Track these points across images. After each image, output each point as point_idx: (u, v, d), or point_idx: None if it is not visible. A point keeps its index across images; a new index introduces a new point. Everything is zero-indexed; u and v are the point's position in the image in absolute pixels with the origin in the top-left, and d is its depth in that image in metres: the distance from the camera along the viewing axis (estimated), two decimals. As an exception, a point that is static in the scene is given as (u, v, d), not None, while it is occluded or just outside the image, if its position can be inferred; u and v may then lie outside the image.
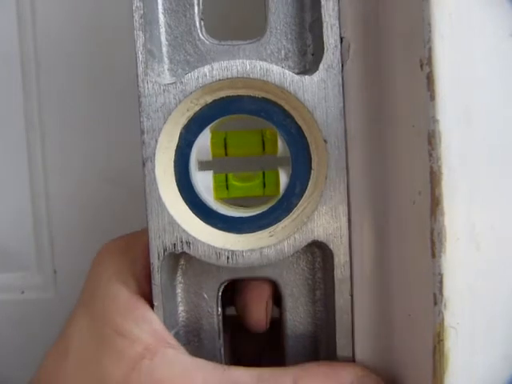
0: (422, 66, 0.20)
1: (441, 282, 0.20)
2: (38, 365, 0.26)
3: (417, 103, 0.20)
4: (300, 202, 0.25)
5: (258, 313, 0.26)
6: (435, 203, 0.20)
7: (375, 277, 0.24)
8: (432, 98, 0.19)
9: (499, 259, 0.21)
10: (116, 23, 0.34)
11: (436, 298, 0.20)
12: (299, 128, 0.24)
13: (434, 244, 0.20)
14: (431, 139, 0.19)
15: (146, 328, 0.23)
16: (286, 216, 0.25)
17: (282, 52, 0.24)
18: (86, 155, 0.36)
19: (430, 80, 0.19)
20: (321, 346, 0.26)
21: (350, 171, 0.24)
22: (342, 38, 0.23)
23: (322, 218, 0.24)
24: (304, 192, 0.25)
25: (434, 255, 0.20)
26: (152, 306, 0.24)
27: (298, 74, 0.24)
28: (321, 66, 0.23)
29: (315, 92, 0.23)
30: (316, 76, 0.23)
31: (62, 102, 0.36)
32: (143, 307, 0.24)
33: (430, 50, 0.19)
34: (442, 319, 0.20)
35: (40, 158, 0.36)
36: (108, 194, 0.36)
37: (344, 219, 0.24)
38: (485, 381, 0.21)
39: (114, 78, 0.35)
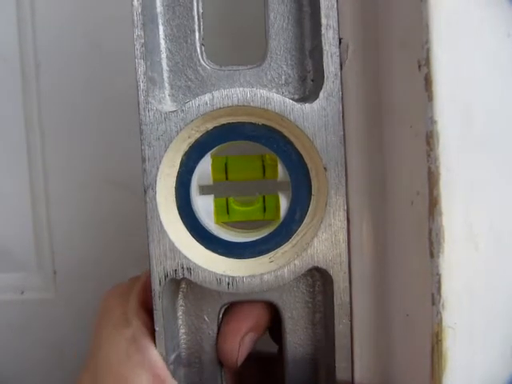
0: (420, 66, 0.20)
1: (439, 282, 0.20)
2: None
3: (415, 104, 0.20)
4: (300, 228, 0.25)
5: (230, 346, 0.25)
6: (433, 203, 0.20)
7: (374, 277, 0.24)
8: (430, 98, 0.19)
9: (497, 259, 0.21)
10: (116, 22, 0.34)
11: (434, 298, 0.20)
12: (299, 155, 0.24)
13: (432, 244, 0.20)
14: (429, 140, 0.20)
15: (145, 374, 0.23)
16: (286, 242, 0.25)
17: (283, 77, 0.24)
18: (86, 156, 0.36)
19: (428, 81, 0.19)
20: (320, 368, 0.26)
21: (349, 171, 0.24)
22: (340, 39, 0.23)
23: (322, 245, 0.24)
24: (304, 218, 0.25)
25: (432, 255, 0.20)
26: (154, 331, 0.24)
27: (298, 99, 0.24)
28: (321, 94, 0.23)
29: (315, 120, 0.23)
30: (316, 104, 0.23)
31: (62, 103, 0.36)
32: (143, 350, 0.24)
33: (428, 51, 0.19)
34: (440, 319, 0.20)
35: (40, 158, 0.36)
36: (108, 194, 0.36)
37: (344, 245, 0.24)
38: (483, 381, 0.21)
39: (114, 78, 0.35)
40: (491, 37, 0.21)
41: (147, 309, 0.25)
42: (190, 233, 0.25)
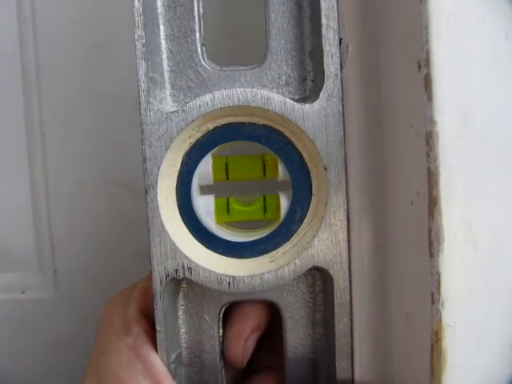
0: (419, 67, 0.20)
1: (438, 281, 0.20)
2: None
3: (415, 104, 0.20)
4: (300, 228, 0.25)
5: (235, 349, 0.26)
6: (433, 203, 0.20)
7: (374, 276, 0.24)
8: (430, 98, 0.20)
9: (496, 258, 0.21)
10: (116, 22, 0.34)
11: (433, 297, 0.20)
12: (300, 155, 0.24)
13: (431, 244, 0.20)
14: (429, 140, 0.20)
15: (147, 382, 0.24)
16: (287, 241, 0.25)
17: (283, 78, 0.24)
18: (87, 155, 0.36)
19: (427, 81, 0.20)
20: (320, 368, 0.26)
21: (349, 171, 0.24)
22: (340, 40, 0.24)
23: (323, 244, 0.24)
24: (304, 218, 0.25)
25: (431, 255, 0.20)
26: (154, 337, 0.24)
27: (298, 99, 0.24)
28: (321, 94, 0.23)
29: (316, 120, 0.23)
30: (317, 104, 0.23)
31: (63, 103, 0.36)
32: (144, 357, 0.24)
33: (427, 51, 0.19)
34: (440, 318, 0.20)
35: (40, 157, 0.36)
36: (108, 194, 0.36)
37: (344, 245, 0.24)
38: (483, 379, 0.21)
39: (114, 77, 0.35)
40: (490, 37, 0.21)
41: (147, 315, 0.25)
42: (191, 233, 0.25)
